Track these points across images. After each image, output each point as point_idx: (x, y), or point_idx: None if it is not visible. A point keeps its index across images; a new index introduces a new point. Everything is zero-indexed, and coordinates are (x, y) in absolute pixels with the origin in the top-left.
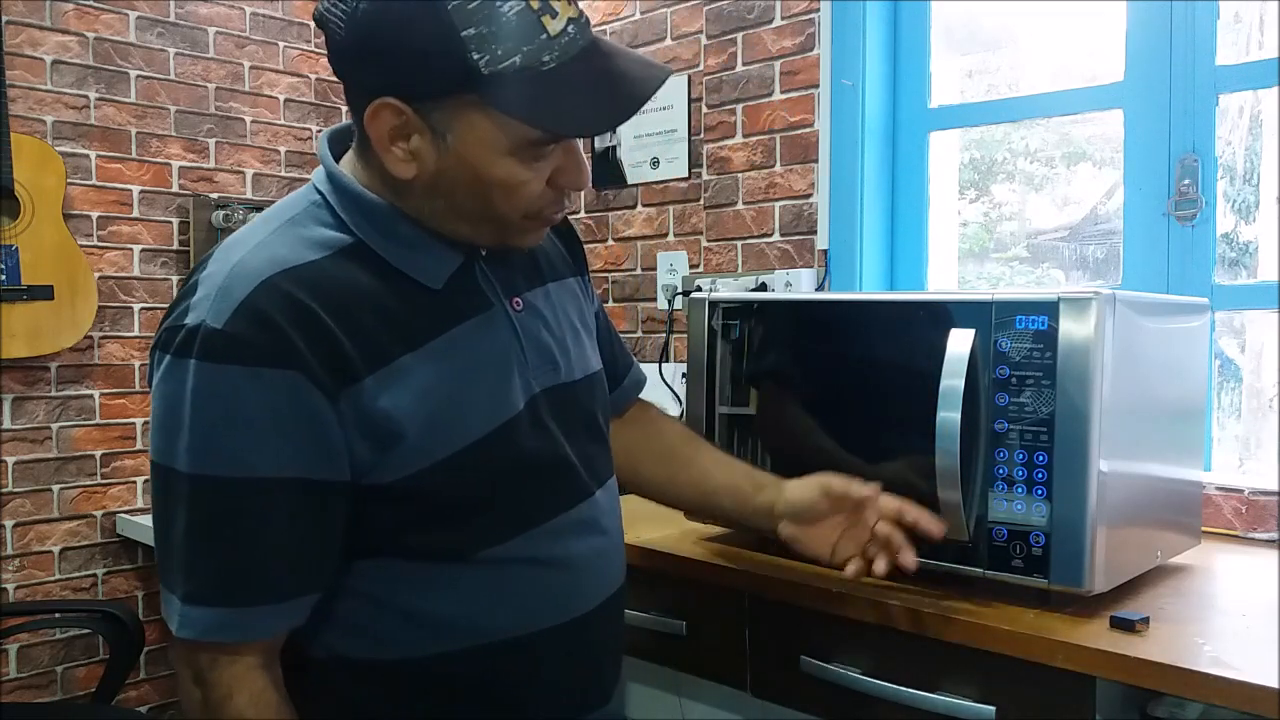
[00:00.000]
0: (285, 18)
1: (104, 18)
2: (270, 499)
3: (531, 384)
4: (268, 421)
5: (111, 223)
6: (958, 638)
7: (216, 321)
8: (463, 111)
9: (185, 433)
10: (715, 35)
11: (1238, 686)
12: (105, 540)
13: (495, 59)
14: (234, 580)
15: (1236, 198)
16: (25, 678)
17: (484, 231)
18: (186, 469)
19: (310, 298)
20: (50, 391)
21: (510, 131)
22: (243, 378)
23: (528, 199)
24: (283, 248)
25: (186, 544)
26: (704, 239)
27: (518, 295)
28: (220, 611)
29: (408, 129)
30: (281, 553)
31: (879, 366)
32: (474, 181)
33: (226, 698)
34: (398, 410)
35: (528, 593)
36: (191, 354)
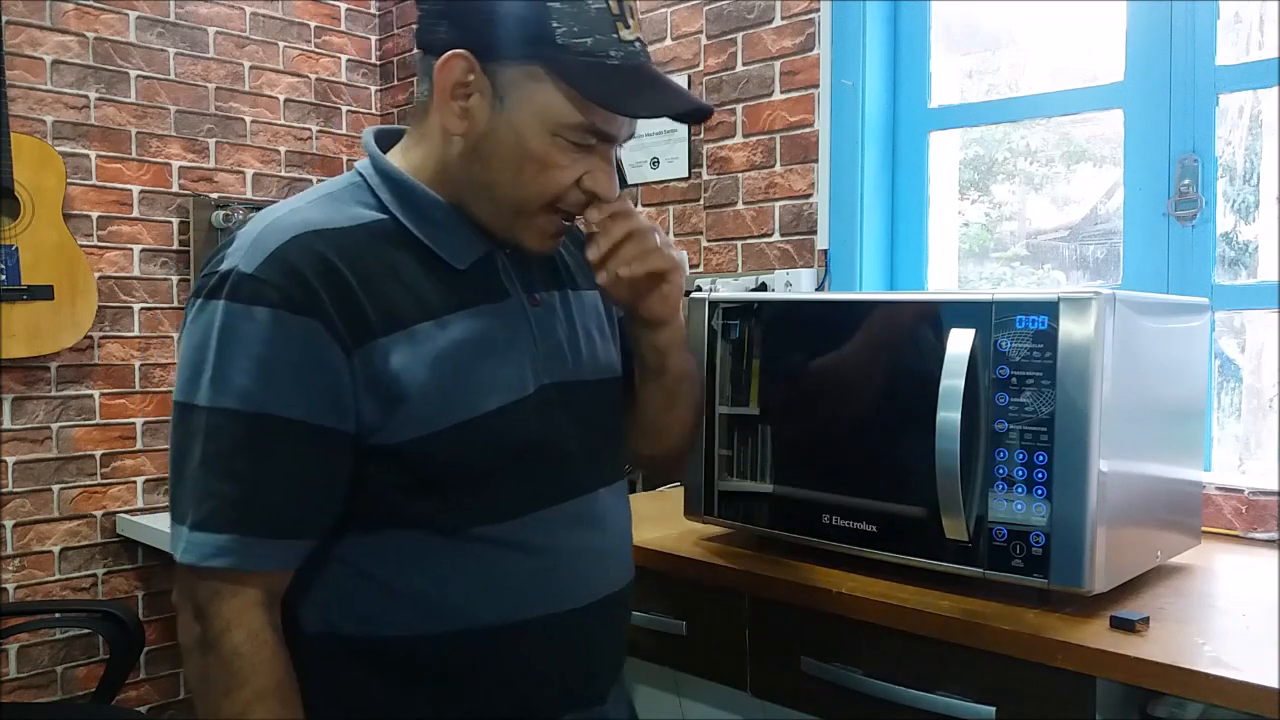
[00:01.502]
0: (285, 18)
1: (104, 18)
2: (279, 438)
3: (541, 374)
4: (285, 364)
5: (111, 223)
6: (958, 638)
7: (247, 267)
8: (526, 79)
9: (209, 368)
10: (715, 35)
11: (1238, 686)
12: (105, 540)
13: (571, 34)
14: (240, 509)
15: (1236, 198)
16: (25, 677)
17: (503, 216)
18: (206, 402)
19: (336, 257)
20: (50, 391)
21: (562, 110)
22: (266, 320)
23: (554, 186)
24: (317, 213)
25: (199, 473)
26: (704, 239)
27: (535, 292)
28: (224, 538)
29: (471, 87)
30: (286, 490)
31: (879, 366)
32: (514, 149)
33: (224, 631)
34: (406, 373)
35: (515, 579)
36: (221, 295)
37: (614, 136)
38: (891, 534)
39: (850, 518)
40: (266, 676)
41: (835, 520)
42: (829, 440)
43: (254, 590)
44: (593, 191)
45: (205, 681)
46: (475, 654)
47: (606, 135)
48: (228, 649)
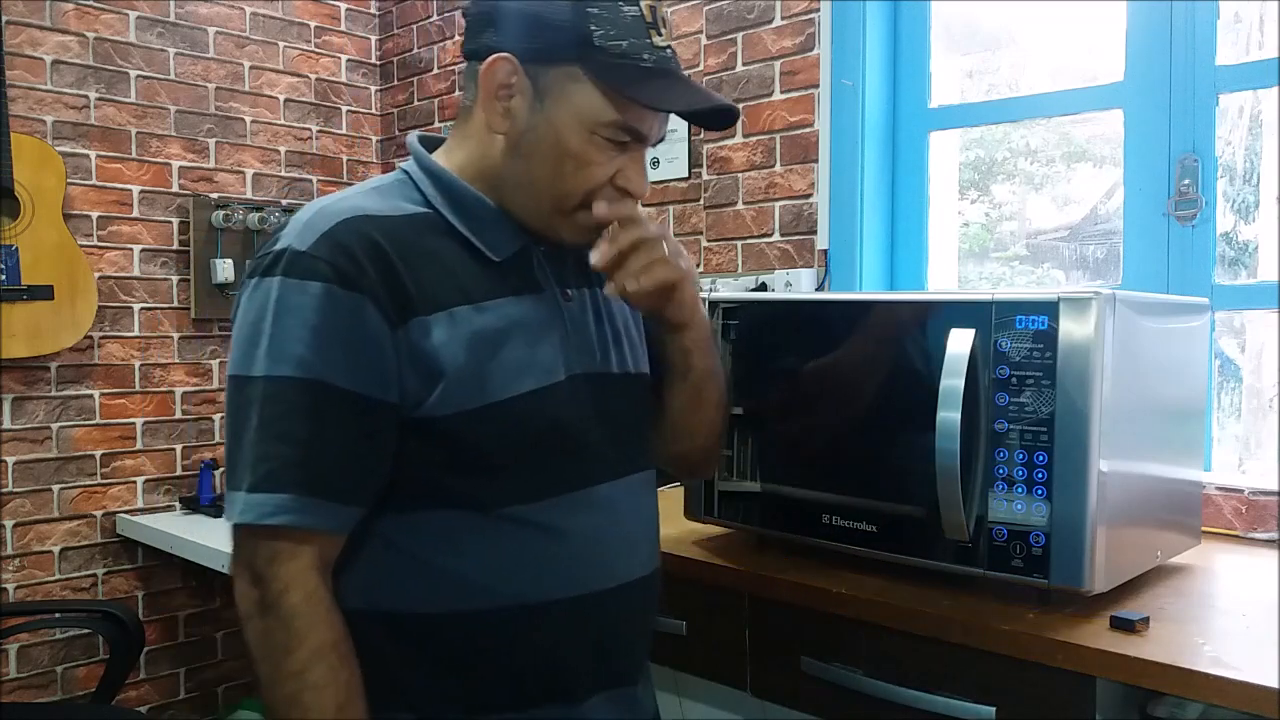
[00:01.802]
0: (285, 18)
1: (104, 18)
2: (333, 405)
3: (572, 364)
4: (336, 336)
5: (111, 223)
6: (958, 638)
7: (301, 246)
8: (565, 80)
9: (265, 339)
10: (715, 35)
11: (1238, 686)
12: (105, 540)
13: (608, 36)
14: (298, 470)
15: (1236, 198)
16: (25, 677)
17: (541, 212)
18: (263, 371)
19: (384, 240)
20: (50, 391)
21: (598, 108)
22: (319, 294)
23: (591, 182)
24: (366, 202)
25: (256, 439)
26: (704, 239)
27: (568, 288)
28: (283, 497)
29: (513, 88)
30: (339, 456)
31: (879, 366)
32: (553, 147)
33: (283, 592)
34: (444, 350)
35: (542, 560)
36: (277, 272)
37: (646, 135)
38: (891, 534)
39: (850, 518)
40: (325, 633)
41: (835, 520)
42: (829, 440)
43: (310, 554)
44: (625, 189)
45: (267, 642)
46: (503, 631)
47: (639, 134)
48: (287, 609)
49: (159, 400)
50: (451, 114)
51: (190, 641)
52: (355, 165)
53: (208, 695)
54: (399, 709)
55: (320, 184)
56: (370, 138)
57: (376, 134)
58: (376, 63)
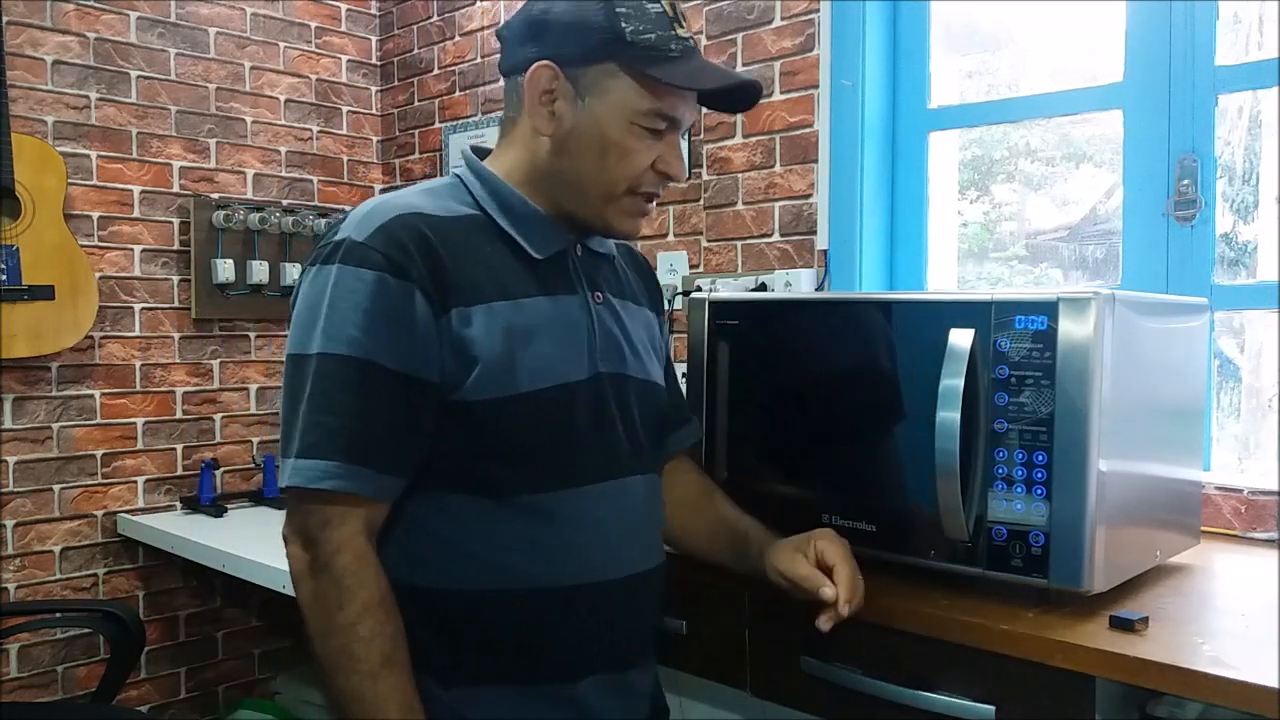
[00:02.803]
0: (285, 18)
1: (105, 18)
2: (379, 381)
3: (598, 363)
4: (386, 320)
5: (112, 223)
6: (957, 638)
7: (359, 236)
8: (602, 78)
9: (322, 320)
10: (715, 35)
11: (1237, 686)
12: (106, 540)
13: (638, 32)
14: (342, 439)
15: (1236, 198)
16: (26, 677)
17: (593, 204)
18: (318, 349)
19: (434, 236)
20: (51, 391)
21: (636, 99)
22: (372, 279)
23: (634, 170)
24: (419, 200)
25: (308, 409)
26: (704, 239)
27: (599, 291)
28: (330, 464)
29: (556, 93)
30: (384, 428)
31: (878, 366)
32: (597, 140)
33: (335, 554)
34: (480, 339)
35: (557, 547)
36: (336, 260)
37: (680, 121)
38: (891, 534)
39: (850, 517)
40: (373, 590)
41: (835, 520)
42: (829, 440)
43: (358, 519)
44: (666, 172)
45: (319, 600)
46: (514, 610)
47: (674, 120)
48: (338, 569)
49: (160, 400)
50: (452, 114)
51: (191, 641)
52: (356, 165)
53: (208, 695)
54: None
55: (320, 184)
56: (370, 138)
57: (377, 134)
58: (377, 63)
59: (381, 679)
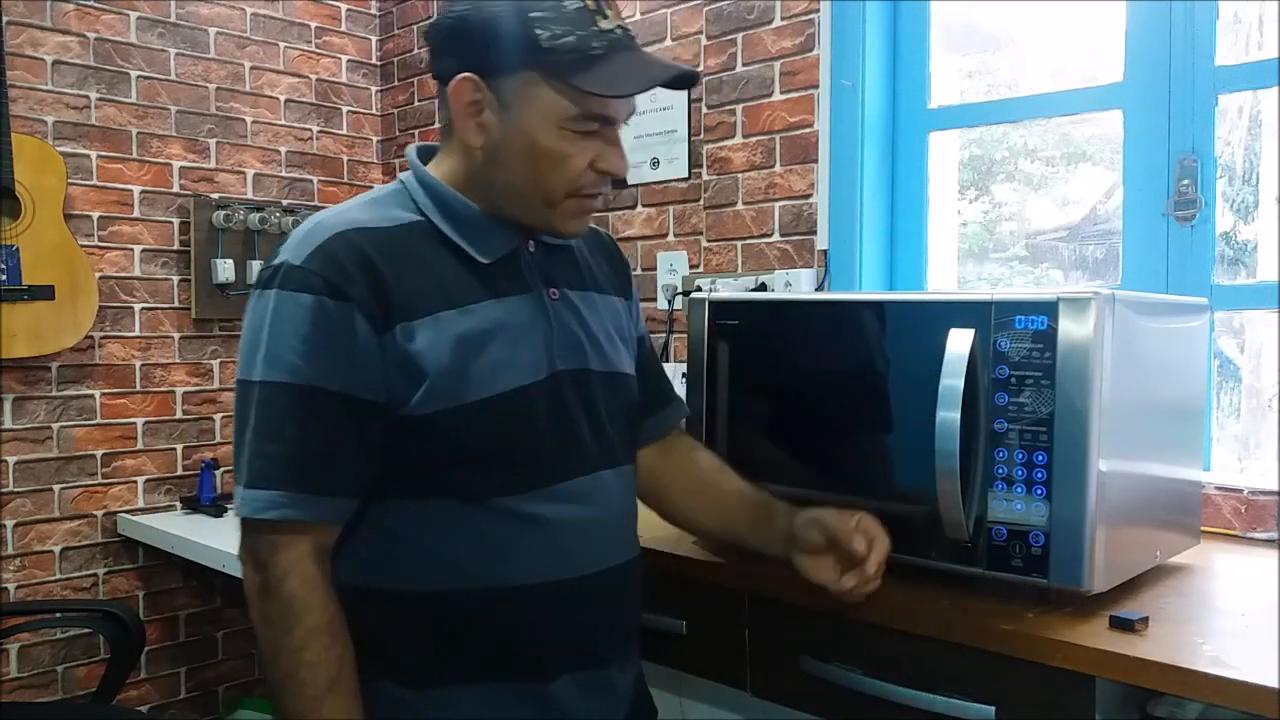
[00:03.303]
0: (285, 18)
1: (105, 18)
2: (322, 405)
3: (555, 362)
4: (325, 342)
5: (112, 223)
6: (957, 637)
7: (296, 260)
8: (524, 86)
9: (262, 348)
10: (715, 35)
11: (1237, 686)
12: (106, 540)
13: (554, 36)
14: (287, 467)
15: (1236, 198)
16: (26, 677)
17: (533, 210)
18: (260, 377)
19: (374, 251)
20: (51, 391)
21: (561, 104)
22: (310, 303)
23: (571, 174)
24: (361, 214)
25: (253, 438)
26: (704, 239)
27: (555, 287)
28: (275, 493)
29: (482, 104)
30: (327, 452)
31: (878, 366)
32: (528, 150)
33: (282, 578)
34: (428, 352)
35: (526, 547)
36: (275, 285)
37: (613, 119)
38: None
39: None
40: (320, 615)
41: None
42: (829, 440)
43: (305, 543)
44: (606, 171)
45: (267, 623)
46: (487, 610)
47: (606, 118)
48: (286, 593)
49: (160, 400)
50: None
51: (191, 641)
52: (356, 166)
53: (208, 695)
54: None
55: (320, 184)
56: (370, 138)
57: (377, 134)
58: (377, 63)
59: (327, 703)
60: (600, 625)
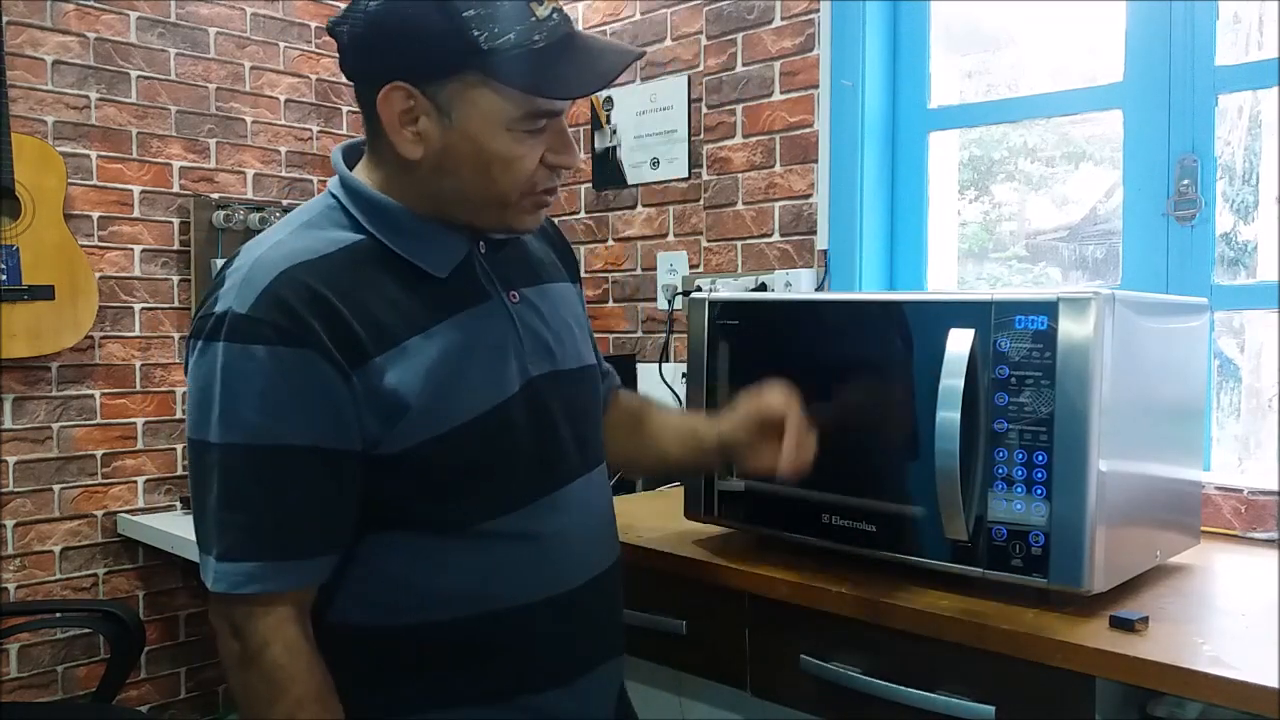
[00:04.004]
0: (285, 18)
1: (105, 18)
2: (290, 464)
3: (528, 368)
4: (286, 395)
5: (112, 223)
6: (957, 637)
7: (241, 308)
8: (465, 90)
9: (216, 406)
10: (715, 35)
11: (1237, 686)
12: (106, 540)
13: (493, 35)
14: (260, 537)
15: (1236, 198)
16: (26, 677)
17: (487, 213)
18: (217, 439)
19: (324, 286)
20: (51, 391)
21: (506, 106)
22: (264, 356)
23: (523, 175)
24: (299, 244)
25: (218, 507)
26: (704, 239)
27: (514, 289)
28: (250, 566)
29: (415, 111)
30: (302, 513)
31: (878, 366)
32: (475, 156)
33: (263, 647)
34: (404, 386)
35: (516, 567)
36: (220, 337)
37: (559, 110)
38: (891, 534)
39: (850, 517)
40: (306, 684)
41: (835, 520)
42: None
43: (285, 607)
44: (558, 164)
45: (249, 694)
46: (476, 637)
47: (553, 112)
48: (268, 663)
49: (160, 400)
50: None
51: (191, 641)
52: None
53: (208, 695)
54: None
55: (320, 184)
56: None
57: None
58: None
59: None
60: (588, 632)
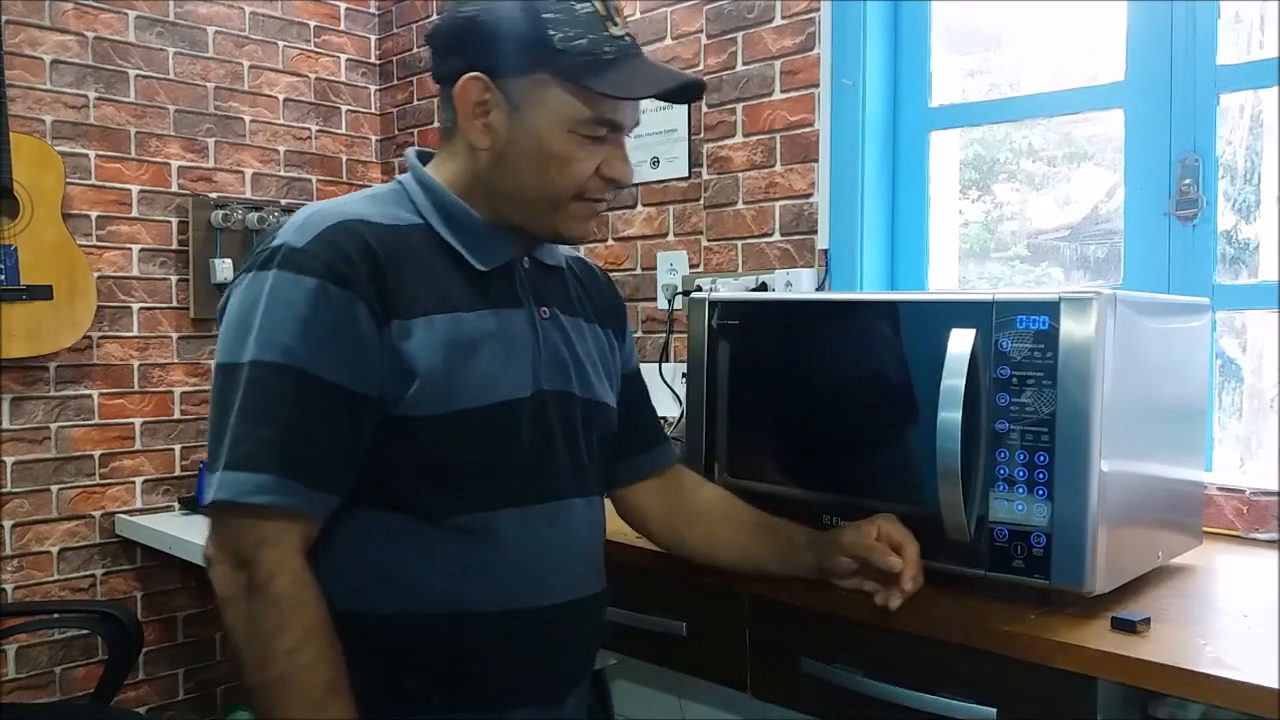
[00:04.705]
0: (285, 17)
1: (103, 17)
2: (318, 395)
3: (541, 380)
4: (326, 331)
5: (110, 222)
6: (958, 638)
7: (298, 243)
8: (536, 88)
9: (255, 328)
10: (715, 35)
11: (1239, 687)
12: (104, 540)
13: (568, 39)
14: (279, 452)
15: (1237, 197)
16: (24, 678)
17: (538, 214)
18: (251, 357)
19: (375, 243)
20: (49, 391)
21: (572, 108)
22: (313, 287)
23: (578, 178)
24: (359, 208)
25: (238, 420)
26: (704, 239)
27: (546, 306)
28: (262, 477)
29: (489, 104)
30: (321, 443)
31: (879, 366)
32: (537, 151)
33: (272, 576)
34: (419, 352)
35: (489, 571)
36: (273, 266)
37: (622, 125)
38: None
39: (850, 518)
40: (315, 614)
41: (835, 520)
42: (829, 440)
43: (294, 538)
44: (612, 178)
45: (254, 625)
46: (444, 636)
47: (615, 124)
48: (276, 591)
49: (158, 400)
50: None
51: (189, 642)
52: (354, 165)
53: (206, 696)
54: None
55: (319, 184)
56: (369, 137)
57: (376, 134)
58: (376, 62)
59: (327, 707)
60: (562, 660)
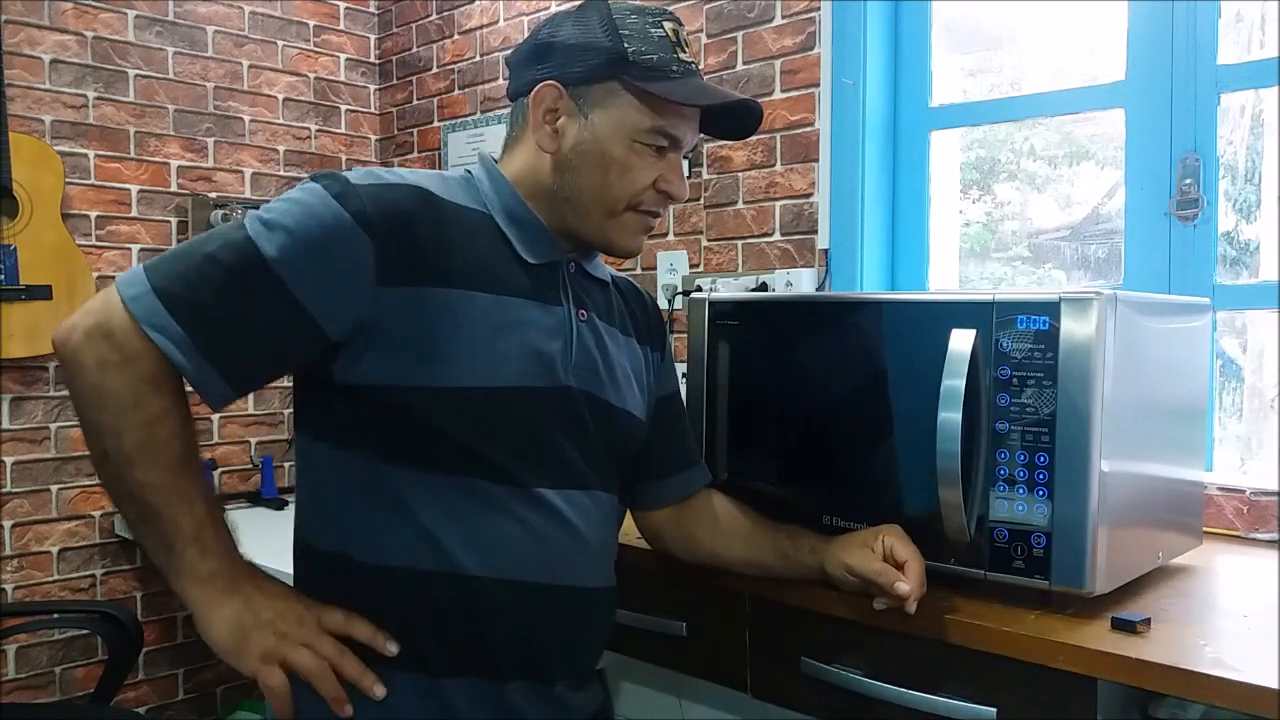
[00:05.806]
0: (284, 17)
1: (102, 17)
2: (273, 299)
3: (570, 377)
4: (322, 254)
5: (110, 222)
6: (959, 639)
7: (354, 179)
8: (605, 96)
9: (273, 211)
10: (715, 34)
11: (1239, 687)
12: (104, 541)
13: (640, 53)
14: (204, 326)
15: (1238, 197)
16: (24, 678)
17: (593, 220)
18: (250, 231)
19: (426, 214)
20: (48, 391)
21: (637, 118)
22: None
23: (635, 187)
24: (430, 183)
25: (199, 265)
26: (704, 239)
27: (584, 309)
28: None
29: (560, 111)
30: (247, 334)
31: (879, 366)
32: (599, 157)
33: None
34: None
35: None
36: (323, 183)
37: (681, 140)
38: None
39: (850, 518)
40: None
41: (835, 521)
42: (829, 440)
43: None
44: (667, 191)
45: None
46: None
47: (675, 139)
48: (141, 370)
49: None
50: (450, 113)
51: (189, 642)
52: (354, 164)
53: (206, 696)
54: None
55: None
56: (369, 137)
57: (375, 133)
58: (375, 62)
59: (184, 474)
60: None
